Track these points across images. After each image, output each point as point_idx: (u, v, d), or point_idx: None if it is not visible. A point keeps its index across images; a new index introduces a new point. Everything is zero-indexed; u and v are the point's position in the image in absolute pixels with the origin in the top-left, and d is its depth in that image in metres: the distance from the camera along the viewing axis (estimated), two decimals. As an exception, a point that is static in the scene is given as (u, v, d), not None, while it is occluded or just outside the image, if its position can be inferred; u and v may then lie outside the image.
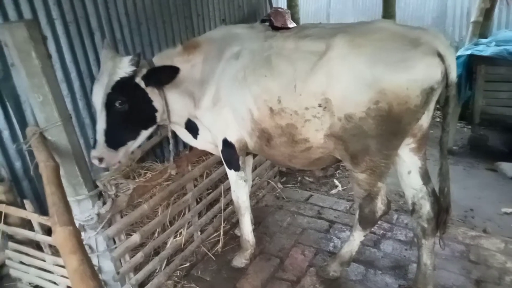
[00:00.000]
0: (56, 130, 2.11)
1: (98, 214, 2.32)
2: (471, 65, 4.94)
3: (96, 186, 2.36)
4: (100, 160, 2.55)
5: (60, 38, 3.17)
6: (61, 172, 2.07)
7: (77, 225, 2.28)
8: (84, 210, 2.30)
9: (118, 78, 2.49)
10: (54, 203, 1.54)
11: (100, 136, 2.53)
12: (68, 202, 1.58)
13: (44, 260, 2.72)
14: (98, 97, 2.51)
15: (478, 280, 2.92)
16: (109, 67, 2.51)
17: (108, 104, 2.50)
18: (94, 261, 2.48)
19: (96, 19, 3.44)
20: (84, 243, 2.35)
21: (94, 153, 2.56)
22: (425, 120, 2.32)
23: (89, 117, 3.45)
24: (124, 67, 2.50)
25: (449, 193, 2.51)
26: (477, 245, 3.31)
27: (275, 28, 2.90)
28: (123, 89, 2.52)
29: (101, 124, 2.53)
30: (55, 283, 2.79)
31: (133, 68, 2.50)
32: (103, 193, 2.41)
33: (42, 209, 3.01)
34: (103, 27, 3.52)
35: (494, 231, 3.56)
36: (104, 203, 2.37)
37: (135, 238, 2.66)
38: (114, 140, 2.59)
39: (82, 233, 2.38)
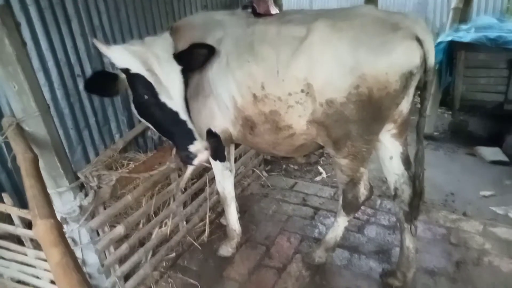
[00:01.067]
0: (34, 120, 2.04)
1: (81, 206, 2.27)
2: (451, 51, 5.01)
3: (78, 178, 2.31)
4: (207, 149, 2.24)
5: (35, 24, 3.06)
6: (41, 164, 2.02)
7: (59, 217, 2.23)
8: (65, 202, 2.25)
9: (173, 54, 2.29)
10: (34, 196, 1.50)
11: (191, 124, 2.23)
12: (48, 194, 1.54)
13: (25, 255, 2.66)
14: (170, 82, 2.22)
15: (458, 262, 3.01)
16: (150, 50, 2.22)
17: (185, 82, 2.28)
18: (78, 253, 2.44)
19: (73, 5, 3.33)
20: (66, 236, 2.33)
21: (199, 144, 2.21)
22: (405, 106, 2.35)
23: (68, 107, 3.36)
24: (170, 43, 2.32)
25: (423, 178, 2.56)
26: (457, 228, 3.41)
27: (258, 15, 2.85)
28: None
29: (184, 109, 2.24)
30: (37, 277, 2.73)
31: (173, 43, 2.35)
32: (85, 184, 2.35)
33: (21, 202, 2.94)
34: (80, 13, 3.41)
35: (474, 214, 3.67)
36: (86, 195, 2.32)
37: (119, 229, 2.63)
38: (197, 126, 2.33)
39: (65, 226, 2.34)
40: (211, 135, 2.79)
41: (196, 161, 2.24)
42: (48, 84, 3.18)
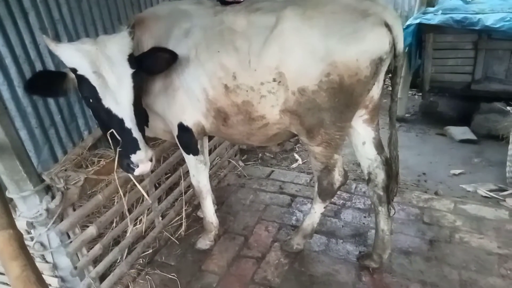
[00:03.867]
0: (-11, 123, 1.92)
1: (48, 209, 2.18)
2: (420, 34, 5.08)
3: (43, 180, 2.21)
4: (151, 160, 2.20)
5: (-13, 20, 2.87)
6: (1, 168, 1.92)
7: (24, 222, 2.16)
8: (31, 206, 2.16)
9: (128, 56, 2.18)
10: (-9, 204, 1.41)
11: (137, 132, 2.17)
12: (6, 202, 1.45)
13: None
14: (119, 86, 2.12)
15: (432, 240, 3.10)
16: (102, 50, 2.10)
17: (135, 88, 2.18)
18: (48, 258, 2.36)
19: (29, -2, 3.14)
20: (35, 240, 2.26)
21: (142, 154, 2.15)
22: (375, 91, 2.37)
23: (31, 105, 3.18)
24: (127, 42, 2.20)
25: (398, 160, 2.62)
26: (430, 207, 3.51)
27: (225, 3, 2.77)
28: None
29: (131, 116, 2.16)
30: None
31: (132, 42, 2.24)
32: (51, 186, 2.26)
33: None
34: (37, 6, 3.21)
35: (445, 193, 3.79)
36: (53, 197, 2.22)
37: (91, 230, 2.55)
38: (144, 134, 2.25)
39: (32, 231, 2.25)
40: (183, 129, 2.73)
41: (137, 172, 2.18)
42: (7, 83, 3.00)
